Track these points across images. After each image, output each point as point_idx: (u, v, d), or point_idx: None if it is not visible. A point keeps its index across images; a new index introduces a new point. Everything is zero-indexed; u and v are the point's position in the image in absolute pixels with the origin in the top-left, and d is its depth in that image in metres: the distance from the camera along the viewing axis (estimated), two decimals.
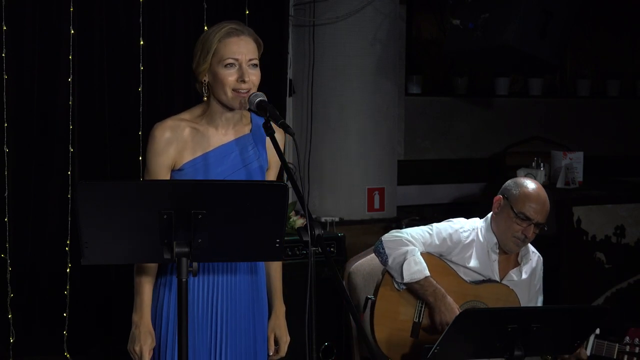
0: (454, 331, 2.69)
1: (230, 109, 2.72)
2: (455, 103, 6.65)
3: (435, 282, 3.34)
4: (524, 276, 3.47)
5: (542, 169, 5.49)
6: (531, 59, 4.76)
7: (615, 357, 3.23)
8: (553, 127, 6.89)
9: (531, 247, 3.55)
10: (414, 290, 3.36)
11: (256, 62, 2.71)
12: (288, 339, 2.92)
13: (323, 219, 5.31)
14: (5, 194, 4.67)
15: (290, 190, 2.50)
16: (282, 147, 2.80)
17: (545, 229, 3.42)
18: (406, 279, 3.33)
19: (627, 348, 3.22)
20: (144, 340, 2.73)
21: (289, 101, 5.58)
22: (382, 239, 3.45)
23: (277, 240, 2.38)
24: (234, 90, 2.67)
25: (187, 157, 2.72)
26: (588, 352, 3.21)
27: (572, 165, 5.42)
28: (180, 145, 2.72)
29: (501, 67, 5.81)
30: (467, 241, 3.45)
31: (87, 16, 4.79)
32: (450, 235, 3.46)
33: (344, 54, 5.41)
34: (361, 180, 5.51)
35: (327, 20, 5.40)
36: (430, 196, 6.41)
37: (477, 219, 3.55)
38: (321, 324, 3.47)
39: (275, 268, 2.92)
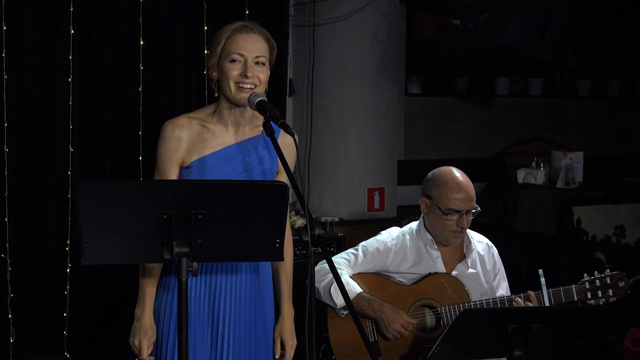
0: (454, 331, 2.69)
1: (237, 106, 2.73)
2: (455, 103, 6.65)
3: (368, 295, 3.29)
4: (471, 270, 3.40)
5: (542, 169, 5.49)
6: (531, 59, 4.76)
7: (576, 298, 3.20)
8: (553, 127, 6.90)
9: (476, 237, 3.48)
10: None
11: (264, 60, 2.71)
12: (295, 343, 2.89)
13: (323, 219, 5.31)
14: (5, 194, 4.67)
15: (290, 190, 2.49)
16: (295, 151, 2.79)
17: (480, 211, 3.36)
18: (338, 303, 3.28)
19: (587, 285, 3.20)
20: (144, 334, 2.75)
21: (289, 101, 5.58)
22: None
23: (277, 240, 2.37)
24: (236, 84, 2.68)
25: (195, 156, 2.73)
26: (547, 304, 3.16)
27: (572, 165, 5.42)
28: (188, 143, 2.73)
29: (501, 67, 5.82)
30: (397, 248, 3.41)
31: (87, 16, 4.79)
32: (377, 248, 3.41)
33: (344, 54, 5.41)
34: (361, 180, 5.51)
35: (327, 20, 5.40)
36: None
37: (413, 222, 3.51)
38: (321, 323, 3.46)
39: (285, 271, 2.90)
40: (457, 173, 3.36)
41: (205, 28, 5.04)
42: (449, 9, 4.96)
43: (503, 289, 3.47)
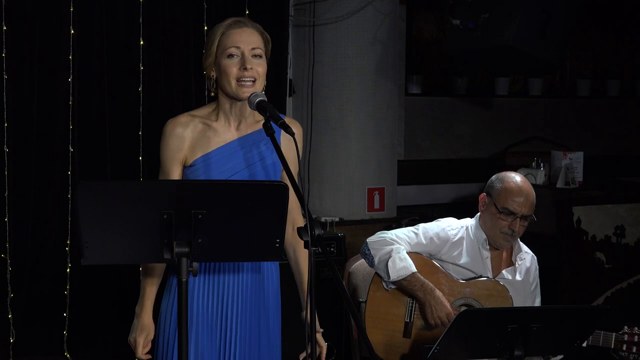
0: (454, 331, 2.69)
1: (239, 101, 2.72)
2: (455, 103, 6.65)
3: (423, 277, 3.33)
4: (518, 277, 3.46)
5: (542, 169, 5.49)
6: (531, 59, 4.75)
7: (612, 346, 3.21)
8: (553, 127, 6.89)
9: (524, 247, 3.54)
10: (402, 287, 3.36)
11: (260, 52, 2.72)
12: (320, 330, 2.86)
13: (323, 219, 5.31)
14: (5, 194, 4.67)
15: (290, 190, 2.49)
16: (300, 142, 2.78)
17: (535, 220, 3.41)
18: (392, 276, 3.33)
19: (626, 337, 3.20)
20: (140, 332, 2.77)
21: (289, 101, 5.58)
22: (367, 240, 3.46)
23: (277, 240, 2.37)
24: (237, 80, 2.68)
25: (198, 154, 2.74)
26: (584, 344, 3.18)
27: (572, 165, 5.41)
28: (190, 141, 2.74)
29: (501, 67, 5.81)
30: (455, 239, 3.45)
31: (87, 16, 4.79)
32: (437, 233, 3.46)
33: (344, 54, 5.41)
34: (361, 180, 5.51)
35: (327, 20, 5.40)
36: (430, 196, 6.41)
37: (469, 218, 3.55)
38: (321, 324, 3.46)
39: (304, 260, 2.87)
40: (520, 178, 3.41)
41: (205, 28, 5.04)
42: (449, 9, 4.96)
43: (538, 304, 3.52)
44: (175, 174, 2.76)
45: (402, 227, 3.85)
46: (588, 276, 5.16)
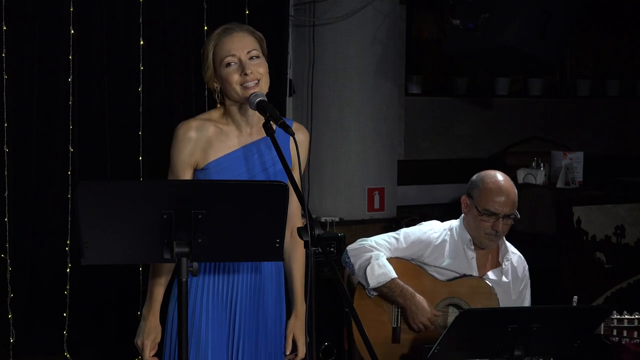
0: (454, 331, 2.69)
1: (247, 105, 2.71)
2: (455, 103, 6.65)
3: (402, 283, 3.32)
4: (504, 279, 3.44)
5: (542, 169, 5.49)
6: (531, 59, 4.75)
7: (602, 332, 3.20)
8: (553, 127, 6.89)
9: (511, 248, 3.52)
10: (383, 294, 3.36)
11: (256, 53, 2.71)
12: (305, 339, 2.88)
13: (323, 219, 5.31)
14: (5, 194, 4.67)
15: (293, 195, 2.49)
16: (306, 148, 2.81)
17: (518, 217, 3.38)
18: (372, 283, 3.32)
19: (615, 322, 3.20)
20: (147, 334, 2.76)
21: (289, 101, 5.58)
22: (347, 248, 3.45)
23: (277, 240, 2.37)
24: (241, 85, 2.68)
25: (210, 157, 2.73)
26: None
27: (572, 165, 5.42)
28: (202, 145, 2.73)
29: (501, 67, 5.81)
30: (437, 242, 3.43)
31: (87, 16, 4.79)
32: (419, 237, 3.44)
33: (344, 54, 5.41)
34: (361, 180, 5.51)
35: (327, 20, 5.40)
36: (430, 196, 6.41)
37: (453, 220, 3.53)
38: (321, 324, 3.46)
39: (298, 267, 2.90)
40: (500, 177, 3.38)
41: (205, 28, 5.04)
42: (449, 9, 4.95)
43: (527, 303, 3.51)
44: (186, 177, 2.74)
45: (402, 227, 3.84)
46: (588, 276, 5.17)
